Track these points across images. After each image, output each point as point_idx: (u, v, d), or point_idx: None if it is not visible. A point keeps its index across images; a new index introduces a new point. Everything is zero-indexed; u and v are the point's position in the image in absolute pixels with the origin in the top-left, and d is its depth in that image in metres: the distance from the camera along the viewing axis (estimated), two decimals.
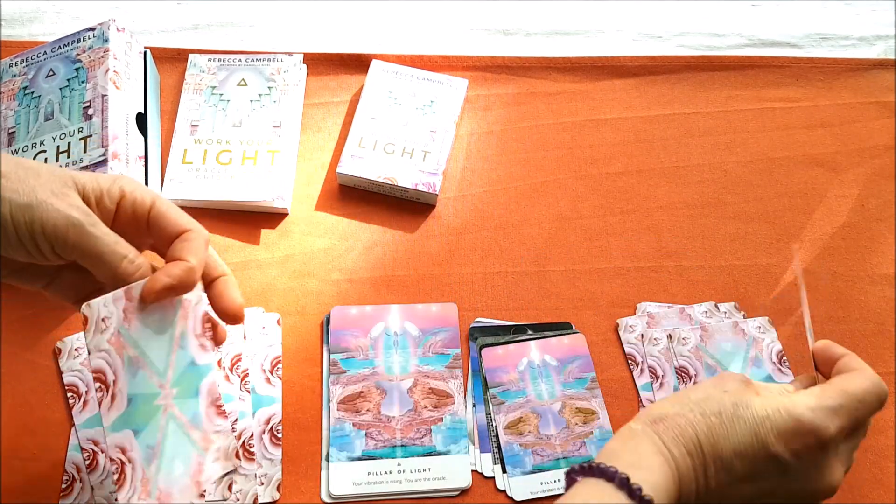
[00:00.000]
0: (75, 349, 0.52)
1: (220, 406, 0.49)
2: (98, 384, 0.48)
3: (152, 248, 0.43)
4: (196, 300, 0.46)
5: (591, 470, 0.35)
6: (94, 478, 0.48)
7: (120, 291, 0.42)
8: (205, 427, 0.47)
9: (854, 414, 0.37)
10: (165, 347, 0.48)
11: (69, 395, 0.51)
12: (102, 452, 0.49)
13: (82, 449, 0.49)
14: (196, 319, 0.46)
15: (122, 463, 0.48)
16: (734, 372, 0.42)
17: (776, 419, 0.36)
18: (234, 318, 0.42)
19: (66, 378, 0.51)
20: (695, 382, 0.53)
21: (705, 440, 0.36)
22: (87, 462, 0.48)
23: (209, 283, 0.43)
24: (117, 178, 0.40)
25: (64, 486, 0.48)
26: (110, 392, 0.48)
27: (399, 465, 0.49)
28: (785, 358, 0.54)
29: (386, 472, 0.49)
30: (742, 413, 0.36)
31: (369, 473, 0.49)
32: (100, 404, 0.48)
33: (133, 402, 0.48)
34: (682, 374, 0.53)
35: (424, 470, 0.50)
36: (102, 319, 0.50)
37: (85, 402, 0.51)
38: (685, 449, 0.36)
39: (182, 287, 0.39)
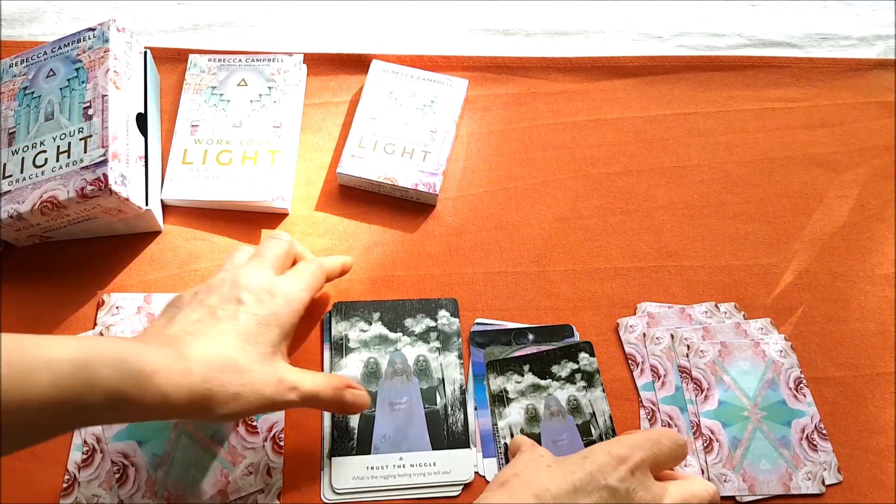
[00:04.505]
0: None
1: (252, 424, 0.49)
2: None
3: None
4: None
5: None
6: (84, 474, 0.48)
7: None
8: (231, 444, 0.49)
9: (652, 449, 0.42)
10: None
11: None
12: (101, 452, 0.49)
13: (84, 443, 0.49)
14: None
15: (125, 465, 0.48)
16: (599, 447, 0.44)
17: (600, 459, 0.41)
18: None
19: None
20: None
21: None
22: (85, 458, 0.49)
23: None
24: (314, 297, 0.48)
25: (65, 485, 0.48)
26: None
27: None
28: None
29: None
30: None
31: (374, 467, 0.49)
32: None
33: None
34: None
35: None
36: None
37: None
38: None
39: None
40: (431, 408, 0.51)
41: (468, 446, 0.50)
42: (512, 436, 0.50)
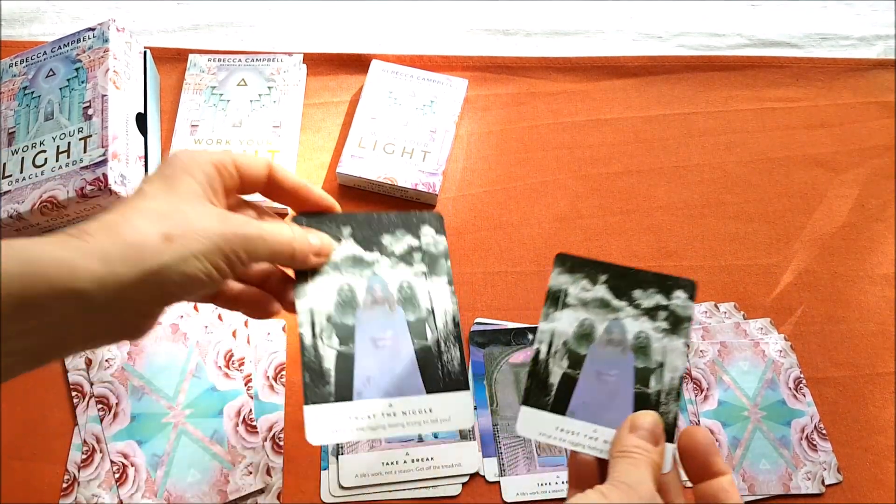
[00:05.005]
0: None
1: (251, 424, 0.49)
2: (100, 405, 0.50)
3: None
4: (217, 340, 0.52)
5: None
6: (84, 474, 0.48)
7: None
8: (231, 443, 0.49)
9: None
10: (176, 378, 0.51)
11: (73, 394, 0.51)
12: (101, 452, 0.49)
13: (84, 443, 0.49)
14: (219, 354, 0.52)
15: (125, 465, 0.48)
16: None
17: None
18: (330, 207, 0.43)
19: (71, 377, 0.51)
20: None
21: None
22: (84, 458, 0.49)
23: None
24: (225, 159, 0.37)
25: (65, 485, 0.48)
26: (112, 412, 0.50)
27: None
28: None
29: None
30: None
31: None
32: (101, 420, 0.49)
33: (137, 420, 0.50)
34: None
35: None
36: (106, 360, 0.51)
37: (88, 403, 0.51)
38: None
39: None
40: (421, 343, 0.41)
41: (466, 387, 0.41)
42: (551, 344, 0.40)
